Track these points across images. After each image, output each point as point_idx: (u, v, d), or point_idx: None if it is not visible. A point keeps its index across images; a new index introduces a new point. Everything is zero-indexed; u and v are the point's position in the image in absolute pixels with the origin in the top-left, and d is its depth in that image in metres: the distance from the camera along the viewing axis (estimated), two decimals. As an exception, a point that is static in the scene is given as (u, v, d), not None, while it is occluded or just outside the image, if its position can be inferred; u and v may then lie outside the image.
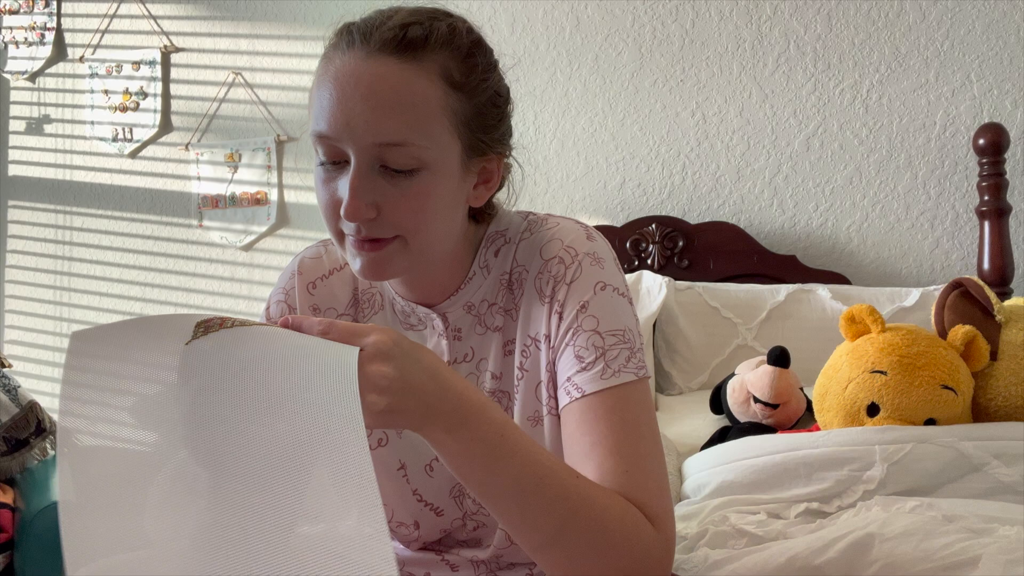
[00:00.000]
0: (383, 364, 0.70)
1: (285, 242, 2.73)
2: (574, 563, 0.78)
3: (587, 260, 0.92)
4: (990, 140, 2.06)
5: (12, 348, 2.92)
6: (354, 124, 0.83)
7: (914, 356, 1.37)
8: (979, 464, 1.27)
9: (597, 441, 0.84)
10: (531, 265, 0.94)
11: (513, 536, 0.80)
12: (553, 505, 0.76)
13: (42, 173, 2.94)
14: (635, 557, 0.78)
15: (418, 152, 0.84)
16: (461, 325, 0.97)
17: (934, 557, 1.03)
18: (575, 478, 0.79)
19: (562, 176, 2.48)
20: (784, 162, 2.33)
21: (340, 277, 1.03)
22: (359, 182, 0.84)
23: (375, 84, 0.83)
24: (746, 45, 2.36)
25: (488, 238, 0.98)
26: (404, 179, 0.85)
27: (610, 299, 0.90)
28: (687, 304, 2.13)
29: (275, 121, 2.73)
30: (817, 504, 1.28)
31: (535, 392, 0.94)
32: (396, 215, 0.85)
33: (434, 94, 0.85)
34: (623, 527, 0.78)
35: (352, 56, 0.85)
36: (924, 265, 2.25)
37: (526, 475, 0.76)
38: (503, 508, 0.77)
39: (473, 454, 0.75)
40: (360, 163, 0.84)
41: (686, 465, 1.50)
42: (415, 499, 0.99)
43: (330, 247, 1.06)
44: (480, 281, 0.97)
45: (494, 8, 2.52)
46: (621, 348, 0.88)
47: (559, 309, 0.91)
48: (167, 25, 2.84)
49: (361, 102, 0.83)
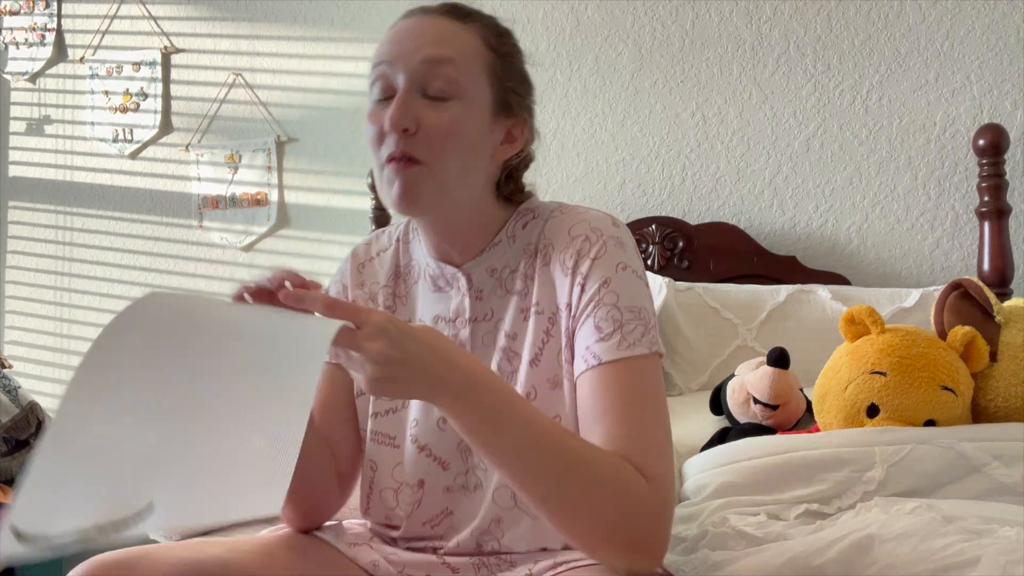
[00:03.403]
0: (379, 340, 0.81)
1: (285, 243, 2.74)
2: (571, 513, 0.89)
3: (612, 242, 1.02)
4: (990, 141, 2.05)
5: (12, 349, 2.92)
6: (406, 47, 1.01)
7: (913, 357, 1.37)
8: (979, 465, 1.27)
9: (607, 408, 0.94)
10: (558, 241, 1.04)
11: (516, 490, 0.92)
12: (551, 461, 0.87)
13: (42, 174, 2.94)
14: (627, 508, 0.89)
15: (456, 75, 1.00)
16: (483, 287, 1.08)
17: (934, 558, 1.03)
18: (572, 438, 0.91)
19: (562, 177, 2.48)
20: (784, 163, 2.33)
21: (383, 258, 1.18)
22: (405, 96, 1.00)
23: (428, 27, 1.03)
24: (746, 46, 2.36)
25: (519, 213, 1.10)
26: (441, 104, 1.00)
27: (630, 279, 1.00)
28: (687, 305, 2.13)
29: (275, 122, 2.73)
30: (817, 505, 1.28)
31: (557, 357, 1.02)
32: (429, 133, 0.99)
33: (475, 44, 1.04)
34: (615, 481, 0.89)
35: (412, 19, 1.05)
36: (924, 266, 2.25)
37: (527, 435, 0.87)
38: (507, 465, 0.89)
39: (480, 418, 0.87)
40: (408, 83, 1.00)
41: (686, 466, 1.50)
42: (424, 455, 1.08)
43: (380, 236, 1.21)
44: (505, 248, 1.08)
45: (494, 9, 2.49)
46: (637, 323, 0.97)
47: (582, 281, 1.00)
48: (167, 26, 2.84)
49: (416, 35, 1.02)
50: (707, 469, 1.42)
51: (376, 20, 2.63)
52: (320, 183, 2.71)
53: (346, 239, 2.67)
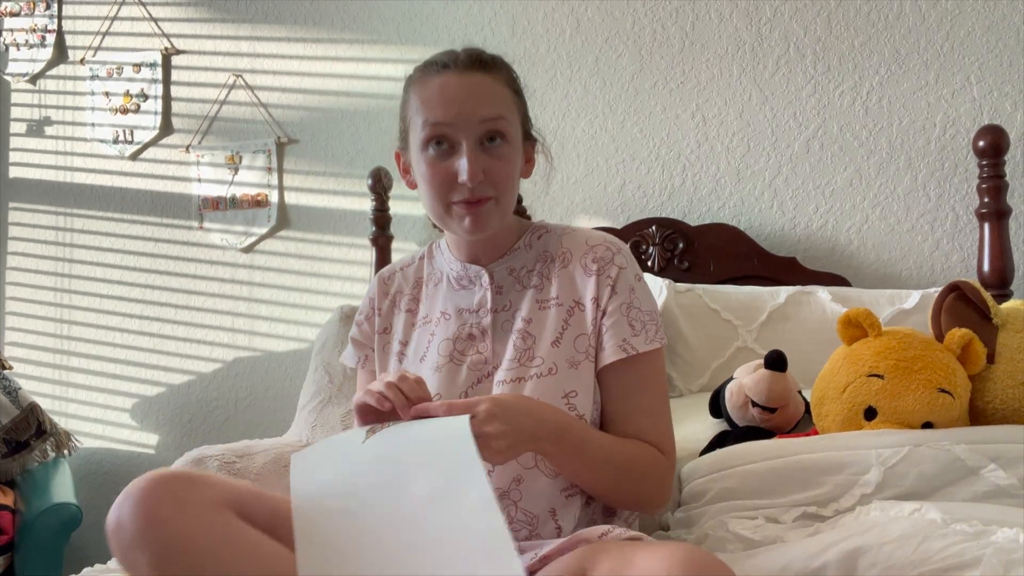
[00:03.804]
0: (493, 423, 1.07)
1: (286, 244, 2.74)
2: (622, 497, 1.25)
3: (628, 256, 1.31)
4: (990, 142, 2.05)
5: (13, 350, 2.92)
6: (465, 111, 1.22)
7: (910, 360, 1.37)
8: (976, 467, 1.27)
9: (638, 401, 1.27)
10: (576, 249, 1.31)
11: (583, 488, 1.24)
12: (613, 467, 1.21)
13: (43, 175, 2.94)
14: (656, 484, 1.25)
15: (506, 126, 1.24)
16: (503, 283, 1.33)
17: (934, 559, 1.03)
18: (621, 445, 1.23)
19: (562, 178, 2.48)
20: (784, 164, 2.33)
21: (407, 272, 1.43)
22: (474, 154, 1.21)
23: (473, 86, 1.23)
24: (746, 47, 2.36)
25: (533, 228, 1.36)
26: (496, 150, 1.23)
27: (645, 288, 1.31)
28: (687, 306, 2.12)
29: (276, 123, 2.74)
30: (815, 508, 1.28)
31: (575, 342, 1.26)
32: (495, 177, 1.23)
33: (506, 91, 1.27)
34: (651, 468, 1.23)
35: (447, 74, 1.24)
36: (924, 267, 2.24)
37: (599, 454, 1.20)
38: (582, 476, 1.22)
39: (569, 453, 1.18)
40: (471, 141, 1.22)
41: (685, 471, 1.50)
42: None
43: (404, 260, 1.46)
44: (523, 254, 1.34)
45: (494, 10, 2.52)
46: (653, 323, 1.28)
47: (611, 283, 1.27)
48: (168, 27, 2.84)
49: (468, 98, 1.22)
50: (706, 475, 1.42)
51: (376, 22, 2.63)
52: (320, 184, 2.71)
53: (346, 240, 2.67)
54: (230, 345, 2.78)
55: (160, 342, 2.83)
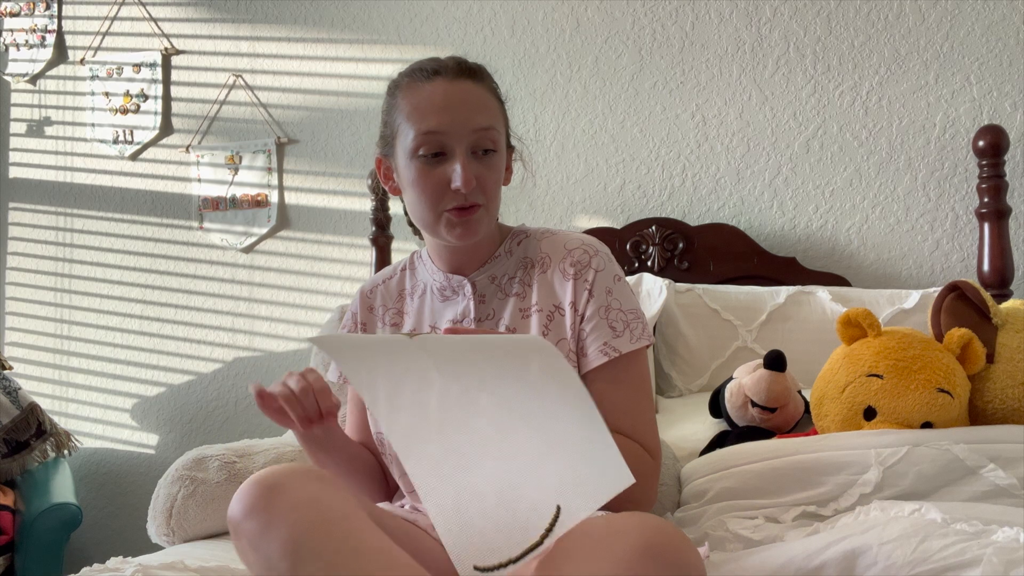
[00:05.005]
0: None
1: (286, 244, 2.74)
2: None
3: (606, 257, 1.29)
4: (990, 142, 2.05)
5: (12, 350, 2.92)
6: (458, 120, 1.21)
7: (910, 360, 1.37)
8: (975, 467, 1.27)
9: (619, 402, 1.24)
10: (555, 254, 1.29)
11: None
12: None
13: (43, 175, 2.94)
14: (644, 484, 1.20)
15: (495, 136, 1.24)
16: (485, 292, 1.31)
17: (934, 559, 1.03)
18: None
19: (562, 178, 2.48)
20: (784, 164, 2.33)
21: (388, 285, 1.41)
22: (467, 162, 1.21)
23: (465, 94, 1.23)
24: (746, 47, 2.36)
25: (513, 233, 1.35)
26: (487, 159, 1.23)
27: (625, 288, 1.28)
28: (687, 306, 2.13)
29: (275, 123, 2.74)
30: (814, 507, 1.28)
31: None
32: (485, 185, 1.23)
33: (493, 100, 1.27)
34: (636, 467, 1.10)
35: (439, 81, 1.23)
36: (924, 267, 2.24)
37: None
38: None
39: None
40: (464, 150, 1.21)
41: (685, 471, 1.50)
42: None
43: (384, 272, 1.44)
44: (504, 261, 1.32)
45: (494, 10, 2.52)
46: (637, 322, 1.26)
47: (588, 287, 1.25)
48: (167, 27, 2.84)
49: (461, 105, 1.22)
50: (706, 475, 1.42)
51: (376, 22, 2.63)
52: (320, 184, 2.71)
53: (346, 240, 2.67)
54: (230, 345, 2.78)
55: (160, 342, 2.83)
